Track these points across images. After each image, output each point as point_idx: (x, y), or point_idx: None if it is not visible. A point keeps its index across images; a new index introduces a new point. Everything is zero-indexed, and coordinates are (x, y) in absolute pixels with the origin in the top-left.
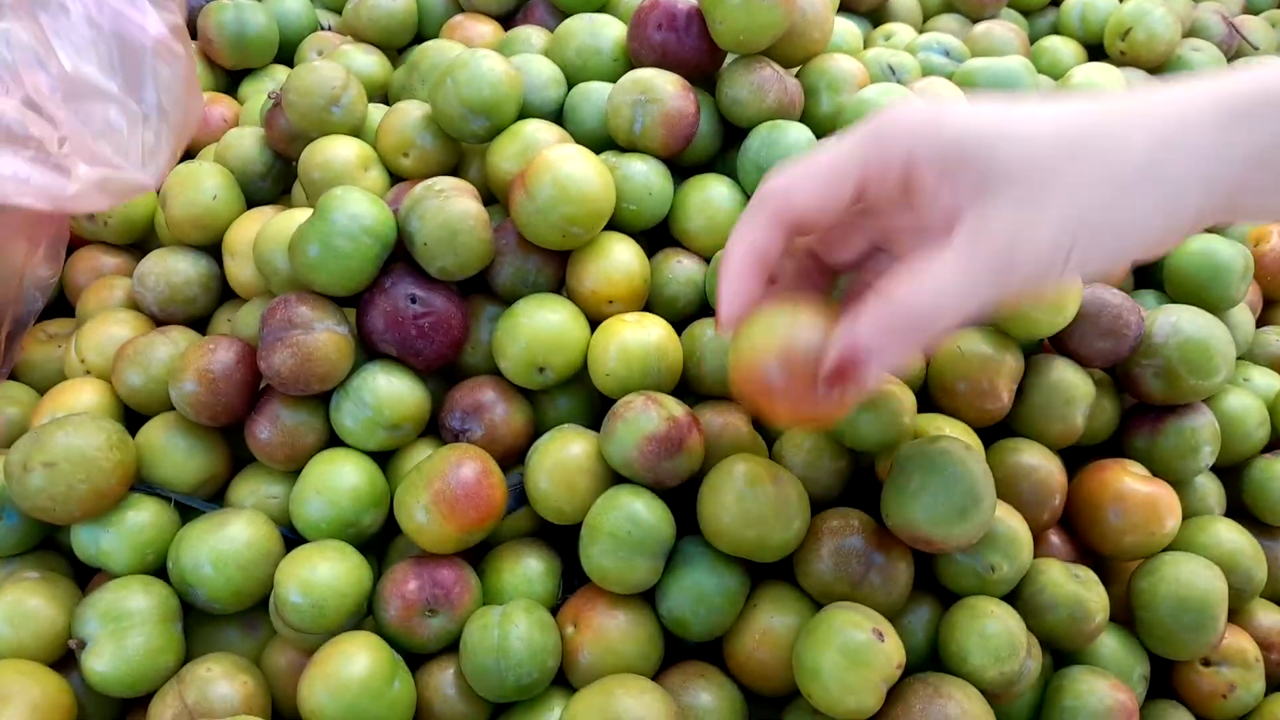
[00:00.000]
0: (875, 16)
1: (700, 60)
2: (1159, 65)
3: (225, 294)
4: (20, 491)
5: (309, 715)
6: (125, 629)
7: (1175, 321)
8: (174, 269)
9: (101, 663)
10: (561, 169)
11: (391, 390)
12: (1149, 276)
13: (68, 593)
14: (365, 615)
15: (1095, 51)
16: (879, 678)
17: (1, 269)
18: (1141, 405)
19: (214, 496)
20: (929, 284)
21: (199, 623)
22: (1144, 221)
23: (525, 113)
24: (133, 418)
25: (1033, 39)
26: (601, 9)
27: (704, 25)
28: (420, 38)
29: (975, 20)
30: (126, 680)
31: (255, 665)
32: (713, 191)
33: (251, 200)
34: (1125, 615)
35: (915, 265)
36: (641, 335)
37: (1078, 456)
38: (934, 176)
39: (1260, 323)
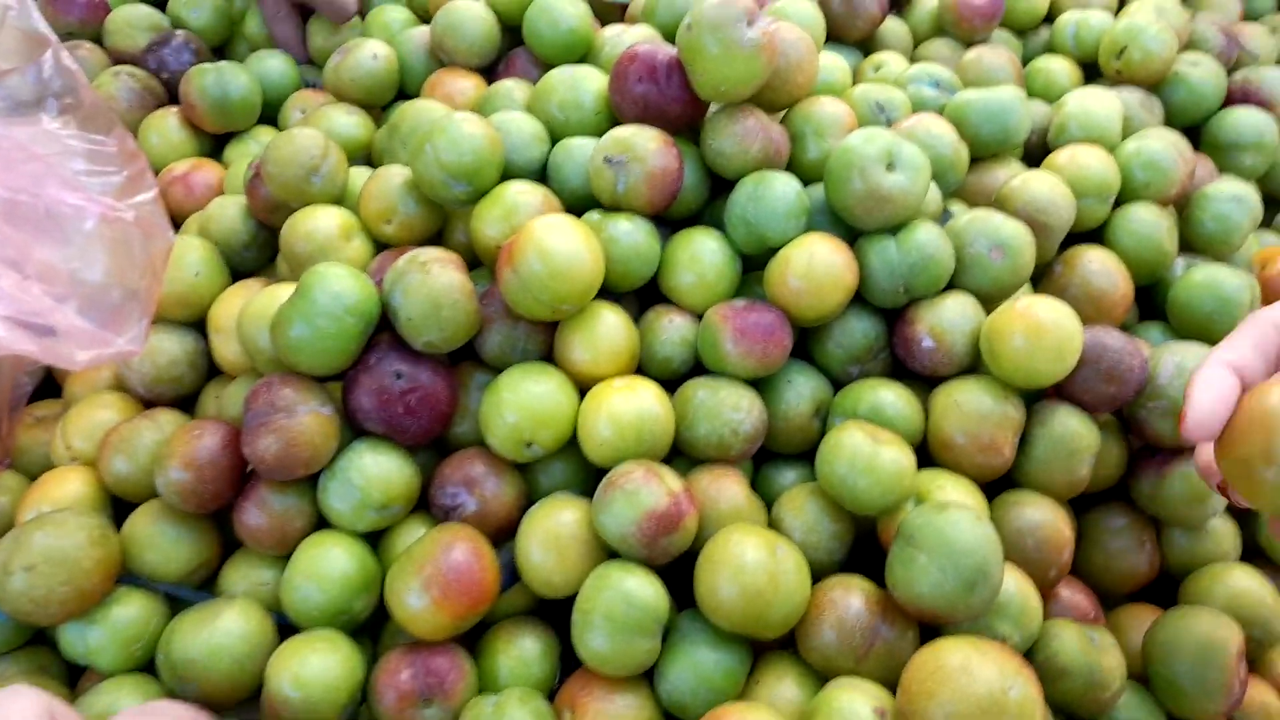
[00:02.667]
0: (865, 46)
1: (683, 111)
2: (1156, 82)
3: (213, 369)
4: (3, 595)
5: None
6: None
7: (1179, 361)
8: (159, 349)
9: None
10: (548, 244)
11: (379, 470)
12: (1153, 308)
13: (58, 695)
14: (361, 703)
15: (1090, 69)
16: None
17: None
18: (1148, 448)
19: (205, 582)
20: None
21: None
22: None
23: (509, 172)
24: (121, 504)
25: (1027, 58)
26: (582, 59)
27: (685, 76)
28: (403, 93)
29: (967, 44)
30: None
31: None
32: (701, 246)
33: (236, 270)
34: (1142, 671)
35: None
36: (633, 401)
37: (1082, 501)
38: None
39: None
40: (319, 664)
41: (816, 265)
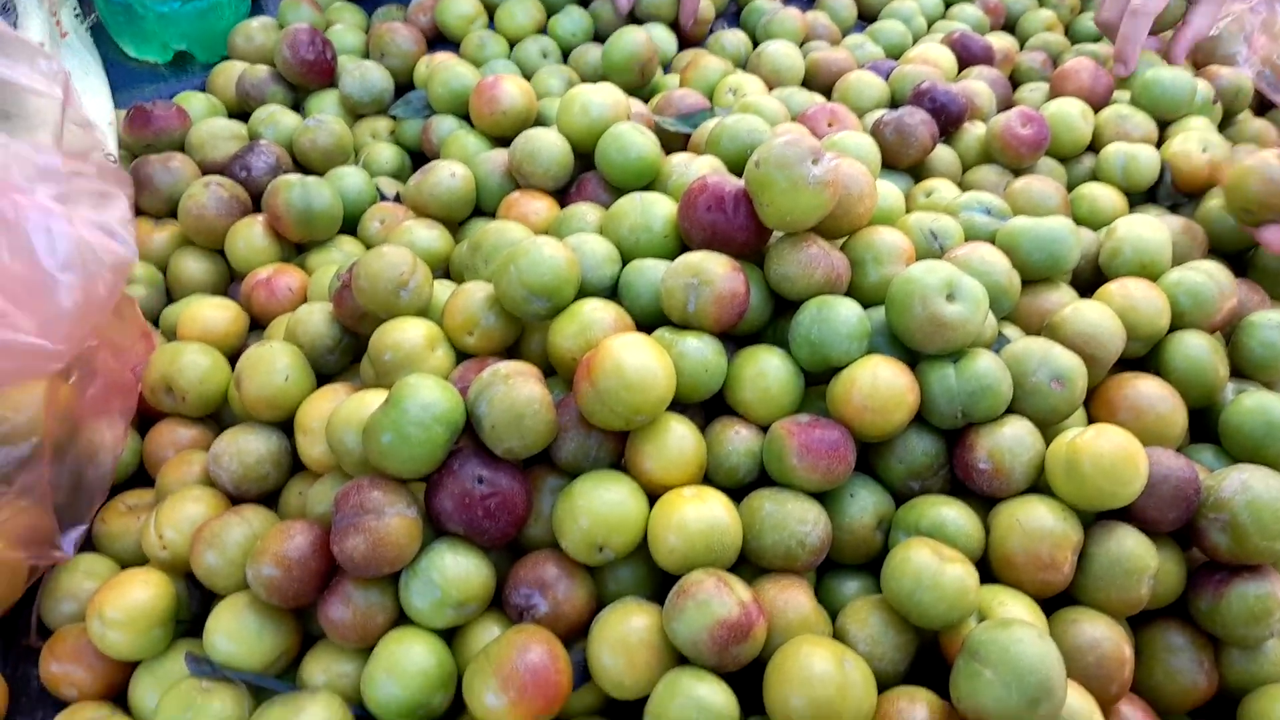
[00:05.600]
0: (916, 172)
1: (748, 239)
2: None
3: (296, 466)
4: None
5: None
6: None
7: (1246, 479)
8: (246, 449)
9: None
10: (624, 361)
11: (458, 570)
12: (1205, 431)
13: None
14: None
15: (1134, 199)
16: None
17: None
18: (1207, 564)
19: (287, 670)
20: None
21: None
22: None
23: (583, 289)
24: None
25: (1070, 184)
26: (650, 184)
27: (751, 205)
28: (479, 210)
29: (1014, 171)
30: None
31: None
32: (766, 364)
33: (320, 371)
34: None
35: None
36: (702, 511)
37: (1140, 617)
38: None
39: None
40: None
41: (880, 386)
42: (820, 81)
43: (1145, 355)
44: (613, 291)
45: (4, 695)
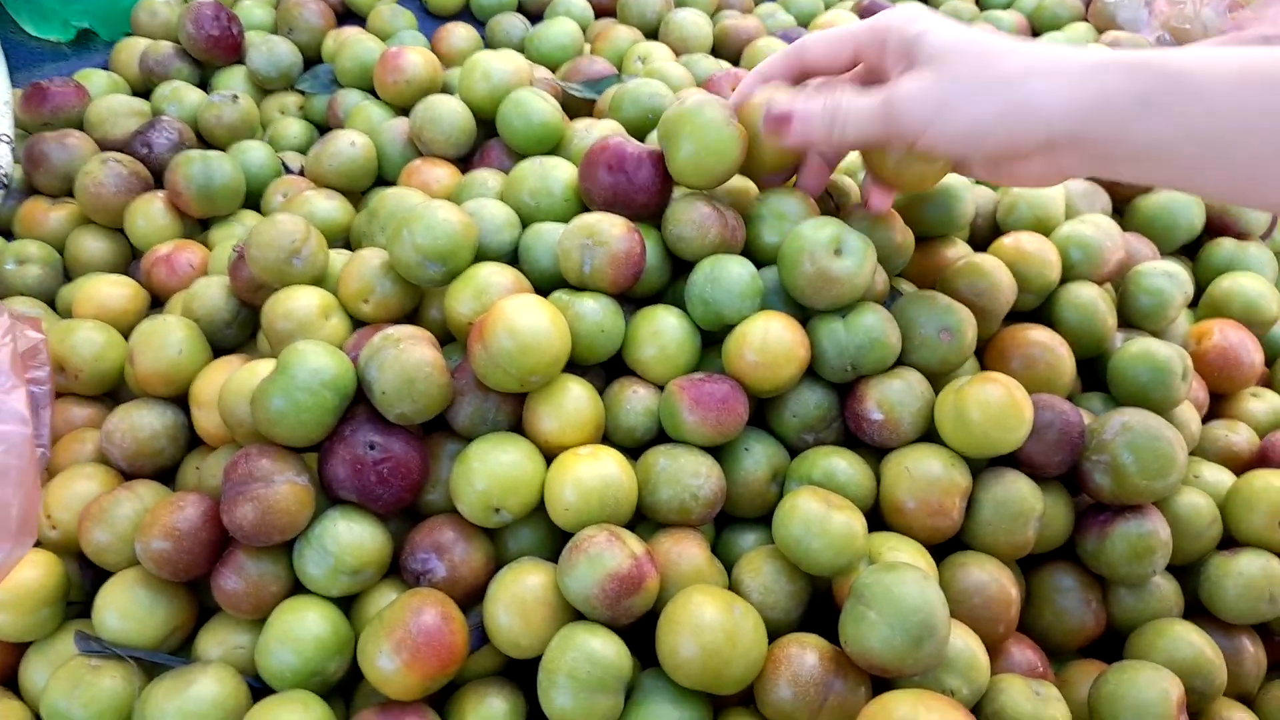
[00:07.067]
0: None
1: (648, 200)
2: None
3: (193, 441)
4: None
5: None
6: None
7: (1125, 421)
8: (140, 424)
9: None
10: (516, 322)
11: (352, 537)
12: (1096, 379)
13: None
14: None
15: None
16: None
17: None
18: (1093, 506)
19: (182, 645)
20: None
21: None
22: (989, 119)
23: (482, 254)
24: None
25: None
26: (553, 150)
27: (653, 167)
28: (381, 180)
29: None
30: None
31: None
32: (663, 323)
33: (218, 345)
34: None
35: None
36: (596, 468)
37: (1032, 560)
38: (893, 58)
39: (1210, 417)
40: None
41: (771, 341)
42: (729, 49)
43: (1038, 307)
44: (513, 257)
45: None
